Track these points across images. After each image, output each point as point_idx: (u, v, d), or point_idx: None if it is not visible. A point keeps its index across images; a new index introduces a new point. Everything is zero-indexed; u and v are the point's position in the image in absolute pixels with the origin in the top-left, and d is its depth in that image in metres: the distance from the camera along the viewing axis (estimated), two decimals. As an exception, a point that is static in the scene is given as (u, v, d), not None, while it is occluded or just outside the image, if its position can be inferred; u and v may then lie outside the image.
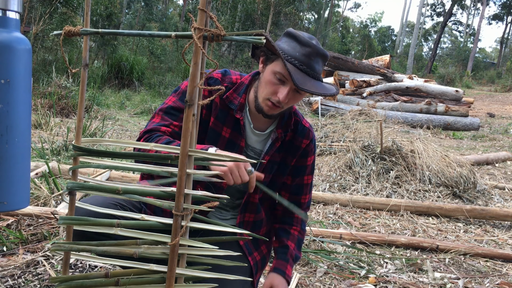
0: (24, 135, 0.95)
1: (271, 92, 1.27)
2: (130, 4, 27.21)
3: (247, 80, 1.38)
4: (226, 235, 1.04)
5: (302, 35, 1.27)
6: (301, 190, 1.51)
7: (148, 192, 0.94)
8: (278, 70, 1.24)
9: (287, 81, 1.25)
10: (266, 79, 1.27)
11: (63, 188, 2.92)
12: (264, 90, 1.28)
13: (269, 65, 1.28)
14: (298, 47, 1.25)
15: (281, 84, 1.26)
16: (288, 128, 1.40)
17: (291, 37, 1.28)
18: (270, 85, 1.26)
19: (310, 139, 1.45)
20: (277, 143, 1.40)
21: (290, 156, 1.44)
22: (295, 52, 1.24)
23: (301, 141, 1.43)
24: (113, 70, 10.38)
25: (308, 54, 1.25)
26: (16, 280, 1.83)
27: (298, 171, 1.47)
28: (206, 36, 0.81)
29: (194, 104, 0.85)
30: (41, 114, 5.44)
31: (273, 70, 1.26)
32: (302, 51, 1.24)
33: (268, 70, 1.28)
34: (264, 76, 1.29)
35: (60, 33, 0.91)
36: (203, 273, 0.95)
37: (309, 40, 1.26)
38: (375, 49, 31.04)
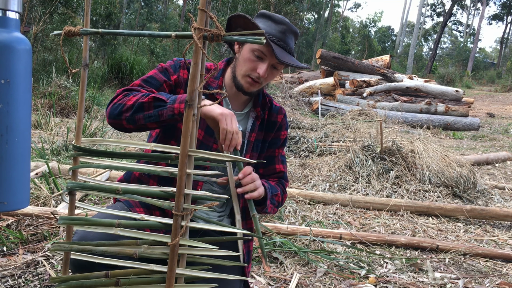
0: (24, 135, 0.95)
1: (251, 69, 1.35)
2: (130, 4, 27.21)
3: (221, 65, 1.48)
4: (225, 235, 1.04)
5: (275, 15, 1.38)
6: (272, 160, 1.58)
7: (148, 192, 0.94)
8: (257, 47, 1.33)
9: (265, 57, 1.34)
10: (245, 57, 1.35)
11: (63, 188, 2.92)
12: (243, 67, 1.36)
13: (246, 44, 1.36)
14: (274, 25, 1.35)
15: (259, 61, 1.34)
16: (266, 106, 1.50)
17: (265, 17, 1.38)
18: (249, 62, 1.35)
19: (283, 114, 1.57)
20: (258, 121, 1.49)
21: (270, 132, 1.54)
22: (272, 30, 1.34)
23: (276, 116, 1.54)
24: (113, 70, 10.38)
25: (283, 31, 1.35)
26: (16, 280, 1.83)
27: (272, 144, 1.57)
28: (206, 36, 0.81)
29: (194, 105, 0.85)
30: (41, 114, 5.44)
31: (251, 48, 1.34)
32: (278, 28, 1.35)
33: (245, 48, 1.36)
34: (242, 55, 1.36)
35: (60, 33, 0.91)
36: (203, 273, 0.95)
37: (283, 19, 1.37)
38: (375, 49, 31.05)
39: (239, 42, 1.39)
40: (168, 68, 1.40)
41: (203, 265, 0.96)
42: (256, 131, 1.48)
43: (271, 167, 1.58)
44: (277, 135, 1.56)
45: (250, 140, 1.47)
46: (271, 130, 1.53)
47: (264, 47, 1.31)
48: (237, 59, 1.39)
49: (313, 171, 4.35)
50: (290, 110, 9.12)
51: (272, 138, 1.55)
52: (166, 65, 1.41)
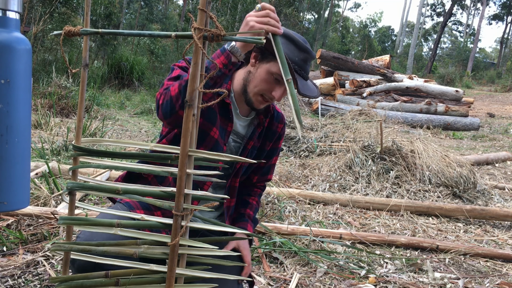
0: (24, 135, 0.95)
1: (266, 90, 1.33)
2: (130, 4, 27.20)
3: None
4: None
5: (299, 38, 1.34)
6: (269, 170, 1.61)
7: (148, 192, 0.94)
8: (276, 71, 1.30)
9: (283, 82, 1.31)
10: (262, 77, 1.33)
11: (63, 188, 2.92)
12: (257, 86, 1.34)
13: (265, 64, 1.33)
14: (297, 52, 1.32)
15: (276, 84, 1.32)
16: (268, 114, 1.50)
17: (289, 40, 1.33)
18: (265, 83, 1.32)
19: (283, 123, 1.56)
20: (259, 128, 1.49)
21: (268, 141, 1.54)
22: (294, 57, 1.31)
23: (277, 125, 1.53)
24: (113, 70, 10.38)
25: (305, 59, 1.34)
26: (16, 280, 1.82)
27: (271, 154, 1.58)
28: (206, 36, 0.81)
29: (194, 105, 0.85)
30: (41, 114, 5.44)
31: (270, 70, 1.31)
32: (300, 56, 1.32)
33: (264, 68, 1.33)
34: (259, 74, 1.34)
35: (60, 33, 0.91)
36: (203, 273, 0.95)
37: (305, 45, 1.34)
38: (375, 49, 31.05)
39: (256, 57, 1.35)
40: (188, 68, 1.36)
41: (203, 265, 0.96)
42: (254, 139, 1.49)
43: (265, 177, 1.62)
44: (275, 144, 1.57)
45: (247, 147, 1.48)
46: (270, 140, 1.54)
47: None
48: (252, 74, 1.36)
49: (313, 171, 4.35)
50: (290, 110, 9.11)
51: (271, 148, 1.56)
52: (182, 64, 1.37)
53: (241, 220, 1.54)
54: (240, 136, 1.48)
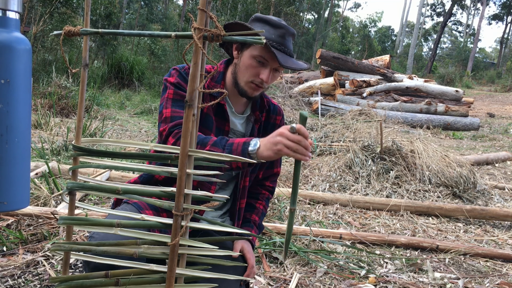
0: (24, 135, 0.95)
1: (253, 74, 1.35)
2: (130, 4, 27.19)
3: (220, 68, 1.46)
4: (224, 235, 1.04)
5: (272, 18, 1.37)
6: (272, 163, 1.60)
7: (148, 192, 0.94)
8: (257, 53, 1.32)
9: (267, 63, 1.33)
10: (246, 63, 1.35)
11: (63, 188, 2.92)
12: (245, 74, 1.36)
13: (246, 50, 1.35)
14: (272, 30, 1.35)
15: (261, 66, 1.34)
16: (264, 109, 1.50)
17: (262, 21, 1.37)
18: (251, 68, 1.34)
19: (281, 115, 1.57)
20: (257, 125, 1.49)
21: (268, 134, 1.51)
22: (271, 35, 1.34)
23: (275, 118, 1.54)
24: (113, 70, 10.39)
25: (282, 35, 1.35)
26: (16, 280, 1.82)
27: None
28: (206, 36, 0.81)
29: (194, 104, 0.85)
30: (41, 114, 5.44)
31: (252, 54, 1.33)
32: (276, 32, 1.35)
33: (246, 55, 1.35)
34: (243, 61, 1.36)
35: (60, 33, 0.91)
36: (203, 273, 0.94)
37: (280, 22, 1.36)
38: (375, 49, 31.05)
39: (237, 48, 1.38)
40: (180, 83, 1.35)
41: (203, 265, 0.96)
42: (255, 136, 1.48)
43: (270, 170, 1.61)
44: None
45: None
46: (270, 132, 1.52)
47: (265, 52, 1.31)
48: (237, 65, 1.38)
49: (313, 171, 4.35)
50: (290, 110, 9.12)
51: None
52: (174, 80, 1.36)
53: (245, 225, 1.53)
54: (240, 134, 1.48)
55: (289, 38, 1.37)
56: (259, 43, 0.80)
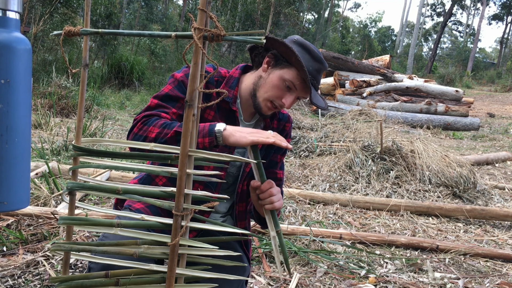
0: (24, 135, 0.95)
1: (276, 96, 1.33)
2: (130, 4, 27.20)
3: (236, 74, 1.43)
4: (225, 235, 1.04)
5: (313, 49, 1.35)
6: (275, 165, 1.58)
7: (148, 192, 0.94)
8: (289, 78, 1.30)
9: (295, 90, 1.32)
10: (274, 83, 1.32)
11: (63, 188, 2.91)
12: (268, 92, 1.33)
13: (278, 70, 1.32)
14: (312, 62, 1.33)
15: (288, 91, 1.32)
16: (274, 117, 1.49)
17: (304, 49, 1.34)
18: (276, 89, 1.32)
19: (290, 122, 1.57)
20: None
21: None
22: (309, 66, 1.32)
23: (284, 124, 1.53)
24: (113, 70, 10.38)
25: (318, 70, 1.34)
26: (16, 280, 1.83)
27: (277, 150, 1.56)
28: (206, 36, 0.81)
29: (194, 104, 0.85)
30: (41, 114, 5.44)
31: (282, 77, 1.31)
32: (314, 66, 1.33)
33: (276, 74, 1.32)
34: (271, 79, 1.33)
35: (60, 33, 0.91)
36: (203, 273, 0.94)
37: (320, 55, 1.35)
38: (375, 49, 31.06)
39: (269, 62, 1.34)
40: (184, 79, 1.34)
41: (204, 265, 0.96)
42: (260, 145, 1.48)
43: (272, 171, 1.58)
44: None
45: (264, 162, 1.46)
46: None
47: (298, 81, 1.30)
48: (263, 79, 1.35)
49: (313, 171, 4.35)
50: (290, 110, 9.12)
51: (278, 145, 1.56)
52: (181, 76, 1.35)
53: None
54: None
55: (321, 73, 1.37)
56: (260, 43, 0.80)
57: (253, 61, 1.43)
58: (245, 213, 1.53)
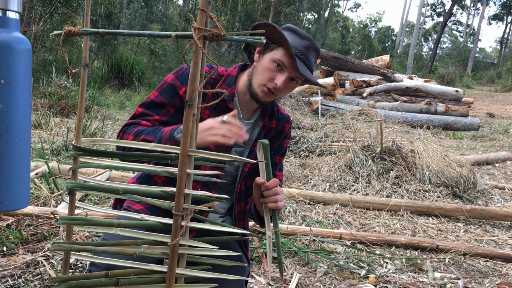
0: (24, 135, 0.95)
1: (268, 78, 1.33)
2: (130, 4, 27.20)
3: (234, 72, 1.44)
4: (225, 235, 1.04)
5: (301, 30, 1.38)
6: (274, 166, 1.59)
7: (148, 192, 0.94)
8: (278, 57, 1.32)
9: (285, 69, 1.32)
10: (264, 66, 1.34)
11: (63, 188, 2.92)
12: (260, 76, 1.34)
13: (268, 53, 1.35)
14: (299, 39, 1.35)
15: (279, 71, 1.33)
16: (273, 117, 1.50)
17: (291, 31, 1.37)
18: (268, 71, 1.33)
19: (290, 123, 1.57)
20: (264, 130, 1.48)
21: (276, 141, 1.54)
22: (296, 43, 1.34)
23: (283, 125, 1.54)
24: (113, 70, 10.38)
25: (307, 46, 1.35)
26: (16, 280, 1.83)
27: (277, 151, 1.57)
28: (206, 36, 0.81)
29: (194, 104, 0.85)
30: (41, 114, 5.44)
31: (272, 58, 1.33)
32: (302, 43, 1.35)
33: (266, 57, 1.34)
34: (262, 64, 1.35)
35: (60, 33, 0.91)
36: (203, 273, 0.94)
37: (308, 35, 1.38)
38: (375, 49, 31.05)
39: (260, 50, 1.37)
40: (175, 82, 1.36)
41: (203, 265, 0.96)
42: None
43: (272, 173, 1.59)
44: (282, 143, 1.56)
45: (253, 149, 1.46)
46: (278, 139, 1.54)
47: (285, 58, 1.30)
48: (256, 67, 1.37)
49: (313, 171, 4.35)
50: (290, 110, 9.12)
51: (278, 145, 1.55)
52: (172, 79, 1.37)
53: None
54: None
55: (312, 52, 1.37)
56: (259, 43, 0.80)
57: (249, 58, 1.45)
58: (244, 213, 1.53)
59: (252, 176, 1.52)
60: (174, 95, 1.35)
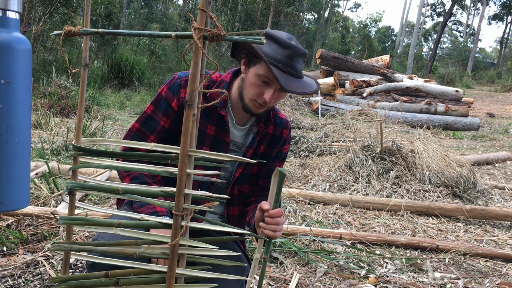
0: (24, 135, 0.95)
1: (257, 94, 1.32)
2: (130, 4, 27.19)
3: (227, 78, 1.43)
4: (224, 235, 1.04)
5: (281, 36, 1.29)
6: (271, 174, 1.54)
7: (148, 192, 0.94)
8: (262, 73, 1.28)
9: (271, 83, 1.29)
10: (251, 81, 1.31)
11: (63, 188, 2.92)
12: (249, 91, 1.33)
13: (252, 68, 1.32)
14: (279, 49, 1.27)
15: (266, 86, 1.30)
16: (269, 122, 1.47)
17: (271, 39, 1.29)
18: (255, 87, 1.31)
19: (288, 128, 1.54)
20: (258, 136, 1.46)
21: (274, 147, 1.52)
22: (277, 55, 1.27)
23: (281, 131, 1.51)
24: (113, 70, 10.38)
25: (289, 56, 1.27)
26: (16, 280, 1.83)
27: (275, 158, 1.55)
28: (206, 36, 0.81)
29: (194, 105, 0.85)
30: (41, 114, 5.44)
31: (257, 73, 1.30)
32: (283, 53, 1.27)
33: (251, 72, 1.32)
34: (248, 79, 1.33)
35: (60, 33, 0.91)
36: (203, 273, 0.95)
37: (289, 42, 1.29)
38: (375, 49, 31.06)
39: (245, 63, 1.34)
40: (167, 95, 1.36)
41: (203, 265, 0.96)
42: (254, 147, 1.46)
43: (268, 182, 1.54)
44: (280, 149, 1.54)
45: (246, 155, 1.45)
46: (276, 145, 1.51)
47: (269, 72, 1.26)
48: (244, 80, 1.35)
49: (313, 171, 4.35)
50: (290, 110, 9.12)
51: (276, 152, 1.53)
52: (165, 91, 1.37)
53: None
54: (238, 145, 1.46)
55: (297, 59, 1.30)
56: (259, 43, 0.80)
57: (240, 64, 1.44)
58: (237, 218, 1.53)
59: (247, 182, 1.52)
60: (168, 108, 1.36)
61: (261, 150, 1.50)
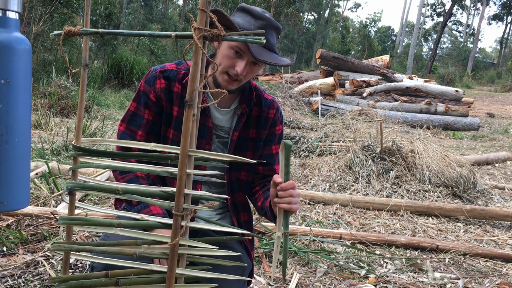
0: (24, 135, 0.95)
1: (229, 66, 1.29)
2: (130, 4, 27.19)
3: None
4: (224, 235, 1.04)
5: (255, 9, 1.31)
6: (272, 159, 1.52)
7: (148, 192, 0.94)
8: (235, 44, 1.27)
9: (244, 54, 1.27)
10: (223, 53, 1.30)
11: (63, 188, 2.92)
12: (221, 64, 1.30)
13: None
14: (253, 21, 1.28)
15: (238, 58, 1.28)
16: (251, 102, 1.43)
17: (245, 12, 1.31)
18: (227, 59, 1.29)
19: (275, 108, 1.50)
20: (243, 118, 1.42)
21: (262, 130, 1.47)
22: (250, 25, 1.28)
23: (267, 111, 1.47)
24: (113, 70, 10.38)
25: (262, 27, 1.28)
26: (16, 280, 1.83)
27: (268, 141, 1.51)
28: (206, 36, 0.81)
29: (194, 104, 0.85)
30: (41, 114, 5.44)
31: (229, 44, 1.28)
32: (256, 24, 1.28)
33: (224, 45, 1.30)
34: (221, 51, 1.31)
35: (60, 33, 0.91)
36: (203, 273, 0.95)
37: (263, 14, 1.30)
38: (375, 49, 31.06)
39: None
40: (145, 88, 1.36)
41: (204, 265, 0.96)
42: (239, 130, 1.42)
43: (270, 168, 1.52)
44: (271, 131, 1.49)
45: (233, 139, 1.42)
46: (264, 128, 1.47)
47: (242, 43, 1.24)
48: (216, 55, 1.33)
49: (313, 171, 4.35)
50: (290, 110, 9.12)
51: (267, 135, 1.49)
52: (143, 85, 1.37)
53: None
54: (226, 130, 1.43)
55: (270, 31, 1.29)
56: (259, 43, 0.80)
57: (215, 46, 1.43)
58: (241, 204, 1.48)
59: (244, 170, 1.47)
60: (147, 100, 1.36)
61: (251, 134, 1.46)
